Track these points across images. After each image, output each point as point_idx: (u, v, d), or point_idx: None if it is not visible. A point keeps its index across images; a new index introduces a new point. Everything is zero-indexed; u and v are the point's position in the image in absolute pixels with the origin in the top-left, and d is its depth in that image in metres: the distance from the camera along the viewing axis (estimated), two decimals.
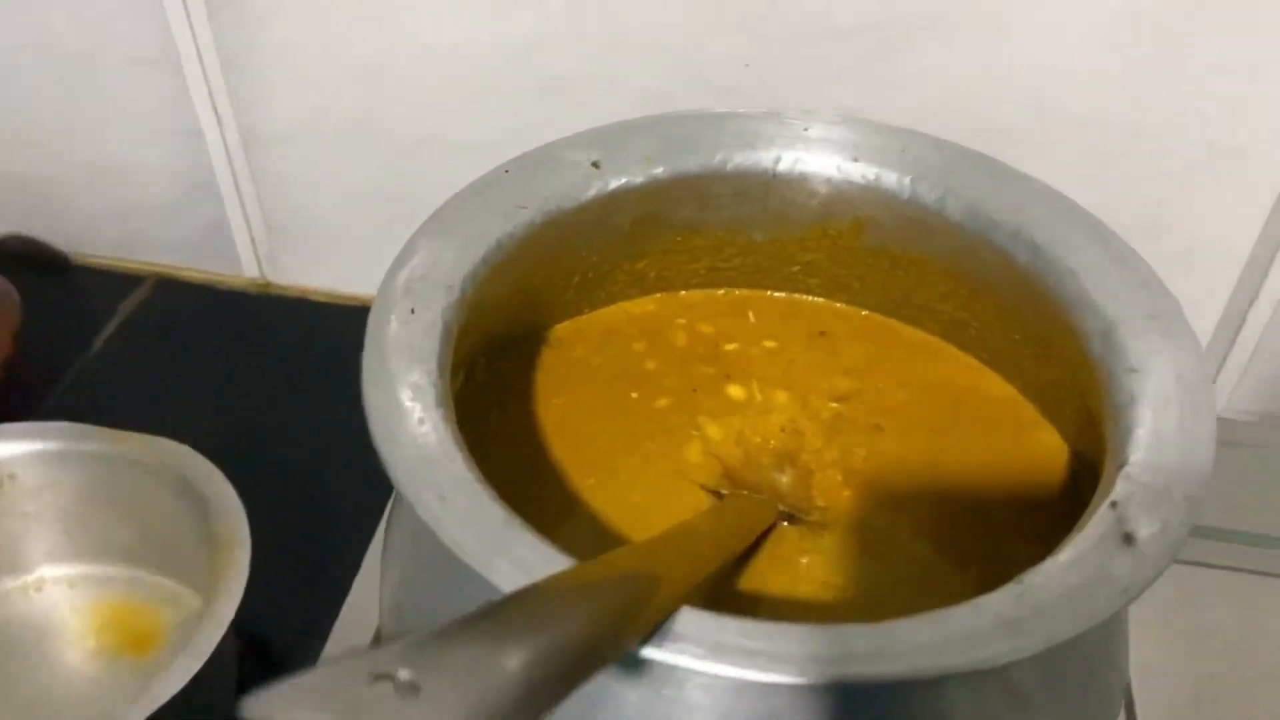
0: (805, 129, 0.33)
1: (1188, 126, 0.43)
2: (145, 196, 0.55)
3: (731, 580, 0.30)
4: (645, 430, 0.33)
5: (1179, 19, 0.40)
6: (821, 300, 0.37)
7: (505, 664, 0.16)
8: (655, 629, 0.22)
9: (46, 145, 0.54)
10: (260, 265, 0.57)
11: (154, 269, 0.58)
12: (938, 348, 0.35)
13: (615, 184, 0.33)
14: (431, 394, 0.26)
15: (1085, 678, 0.27)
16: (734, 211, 0.34)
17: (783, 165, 0.33)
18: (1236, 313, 0.47)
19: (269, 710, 0.13)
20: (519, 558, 0.22)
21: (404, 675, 0.14)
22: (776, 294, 0.37)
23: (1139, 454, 0.25)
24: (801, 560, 0.31)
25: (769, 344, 0.36)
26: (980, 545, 0.31)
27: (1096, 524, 0.24)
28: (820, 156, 0.33)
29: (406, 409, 0.25)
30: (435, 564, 0.26)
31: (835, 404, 0.34)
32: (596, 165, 0.32)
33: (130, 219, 0.56)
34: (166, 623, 0.42)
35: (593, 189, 0.32)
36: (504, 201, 0.31)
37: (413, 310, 0.28)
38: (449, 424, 0.26)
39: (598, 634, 0.19)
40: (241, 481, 0.39)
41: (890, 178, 0.33)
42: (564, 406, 0.34)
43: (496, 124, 0.48)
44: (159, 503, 0.40)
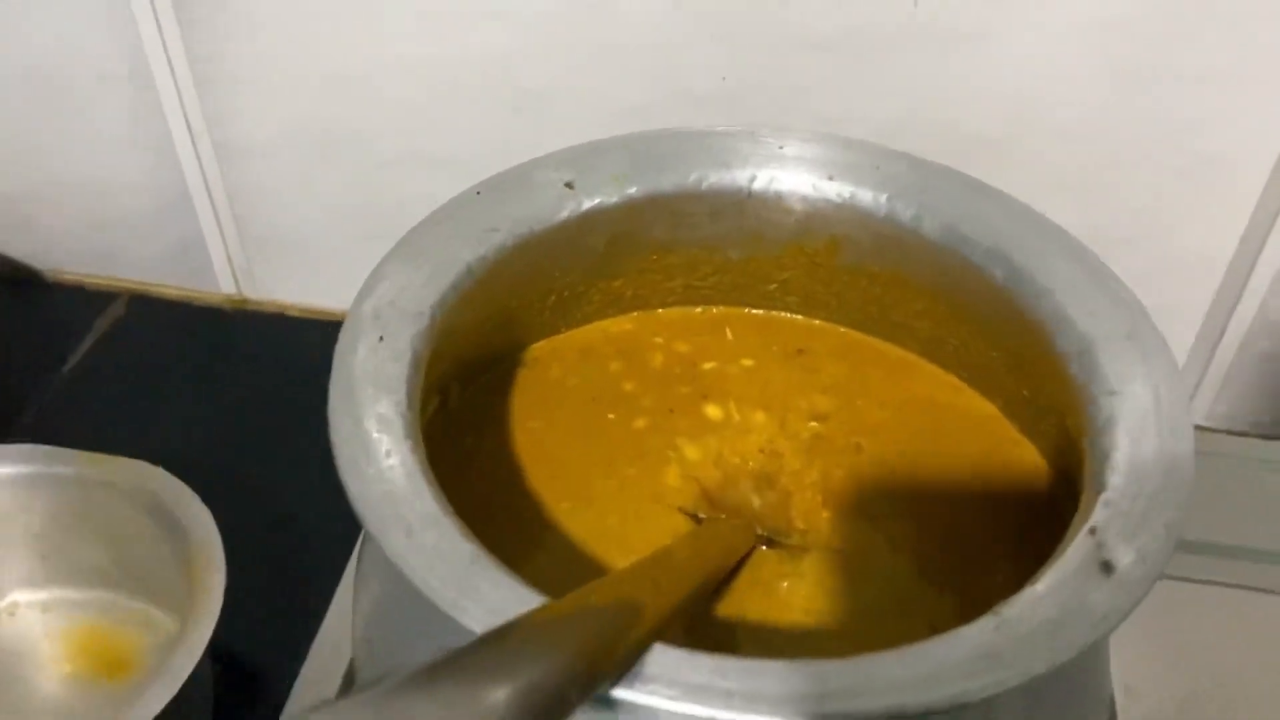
0: (780, 147, 0.33)
1: (1167, 136, 0.43)
2: (119, 212, 0.55)
3: (709, 607, 0.29)
4: (622, 453, 0.33)
5: (1158, 29, 0.40)
6: (799, 318, 0.36)
7: (478, 715, 0.16)
8: (633, 662, 0.21)
9: (17, 161, 0.54)
10: (236, 281, 0.56)
11: (128, 286, 0.57)
12: (917, 365, 0.35)
13: (588, 205, 0.32)
14: (400, 425, 0.25)
15: (1067, 702, 0.27)
16: (709, 230, 0.34)
17: (758, 184, 0.33)
18: (1216, 323, 0.47)
19: None
20: (487, 597, 0.22)
21: None
22: (754, 311, 0.36)
23: (1117, 478, 0.25)
24: (781, 585, 0.30)
25: (747, 362, 0.35)
26: (961, 566, 0.31)
27: (1075, 551, 0.24)
28: (795, 175, 0.33)
29: (373, 441, 0.25)
30: (404, 600, 0.26)
31: (814, 423, 0.34)
32: (570, 186, 0.32)
33: (104, 235, 0.56)
34: (142, 647, 0.41)
35: (566, 210, 0.32)
36: (475, 224, 0.31)
37: (381, 338, 0.27)
38: (418, 456, 0.25)
39: (575, 672, 0.19)
40: (217, 502, 0.39)
41: (866, 196, 0.32)
42: (540, 429, 0.33)
43: (474, 137, 0.48)
44: (133, 526, 0.40)
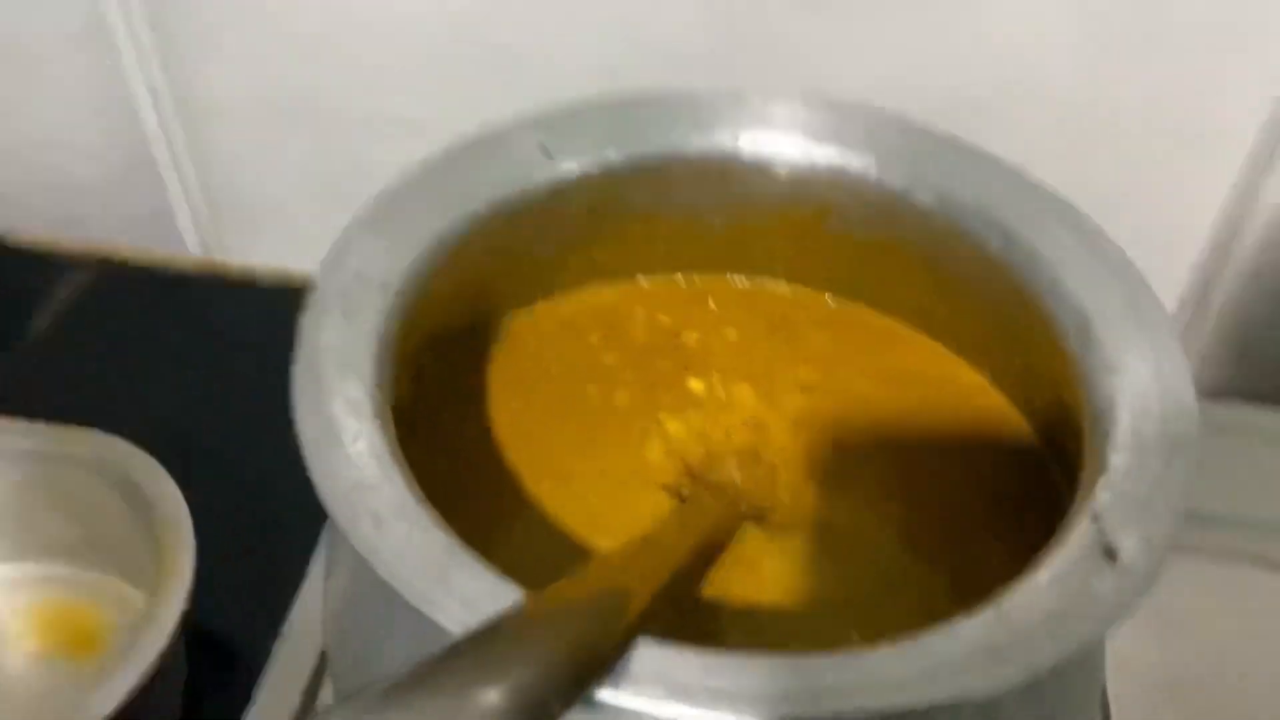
0: (765, 110, 0.32)
1: (1154, 101, 0.42)
2: (81, 175, 0.53)
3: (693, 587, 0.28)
4: (603, 429, 0.32)
5: None
6: (784, 287, 0.35)
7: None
8: (621, 656, 0.20)
9: None
10: (204, 244, 0.55)
11: (92, 251, 0.55)
12: (905, 336, 0.34)
13: (566, 170, 0.31)
14: (368, 406, 0.24)
15: (1064, 688, 0.26)
16: (692, 197, 0.33)
17: (743, 149, 0.32)
18: (1196, 293, 0.47)
19: None
20: (462, 592, 0.21)
21: None
22: (738, 281, 0.35)
23: (1119, 459, 0.24)
24: (766, 562, 0.30)
25: (730, 333, 0.34)
26: (951, 541, 0.30)
27: (1077, 538, 0.23)
28: (782, 139, 0.32)
29: (340, 425, 0.24)
30: (375, 593, 0.25)
31: (800, 396, 0.33)
32: (545, 150, 0.31)
33: (65, 199, 0.54)
34: (110, 624, 0.41)
35: (543, 176, 0.31)
36: (446, 190, 0.29)
37: (346, 314, 0.26)
38: (387, 438, 0.24)
39: (563, 674, 0.18)
40: (185, 475, 0.38)
41: (856, 161, 0.31)
42: (518, 404, 0.32)
43: (446, 98, 0.46)
44: (100, 500, 0.39)
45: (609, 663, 0.20)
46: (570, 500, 0.30)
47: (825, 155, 0.31)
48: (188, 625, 0.35)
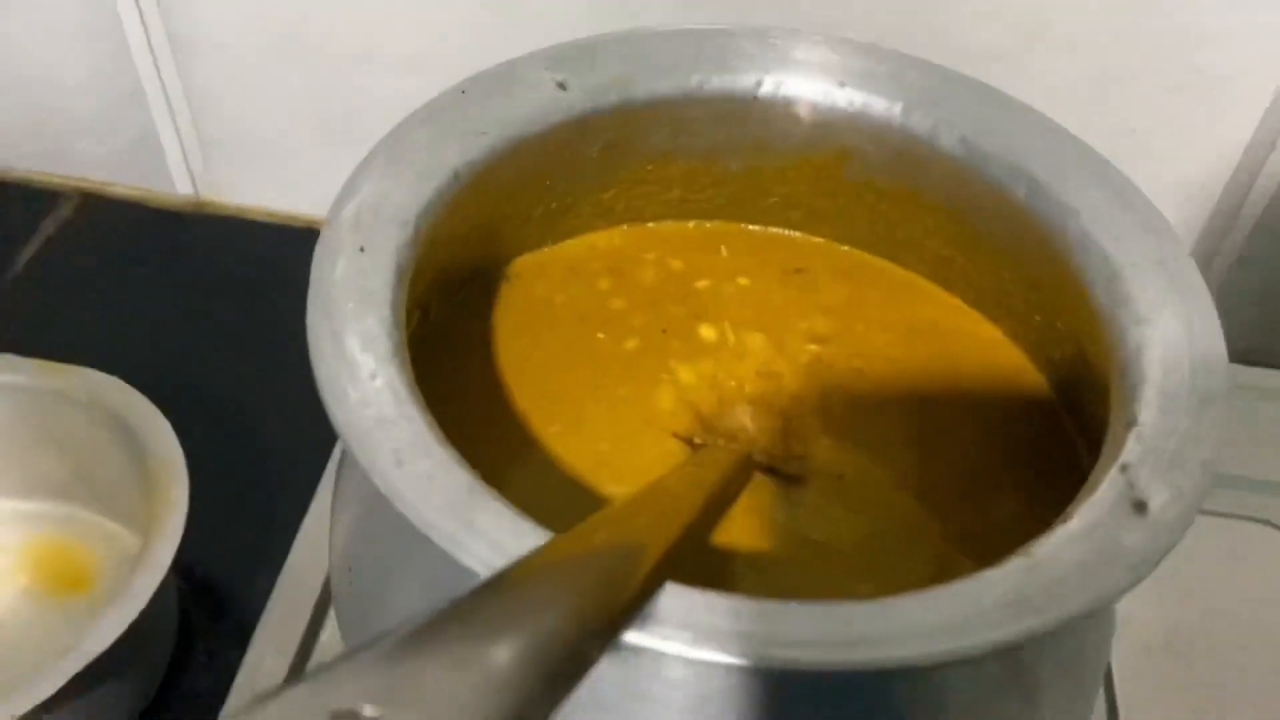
0: (789, 50, 0.31)
1: (1172, 51, 0.41)
2: (68, 108, 0.52)
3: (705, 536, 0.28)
4: (613, 374, 0.31)
5: None
6: (799, 235, 0.35)
7: (486, 675, 0.14)
8: (642, 606, 0.20)
9: None
10: (194, 181, 0.53)
11: (79, 185, 0.54)
12: (921, 287, 0.34)
13: (583, 107, 0.30)
14: (386, 344, 0.24)
15: (1080, 637, 0.26)
16: (710, 138, 0.32)
17: (764, 89, 0.31)
18: (1209, 245, 0.46)
19: None
20: (487, 532, 0.20)
21: (369, 712, 0.12)
22: (751, 227, 0.35)
23: (1149, 414, 0.24)
24: (779, 512, 0.29)
25: (742, 281, 0.34)
26: (964, 494, 0.30)
27: (1106, 489, 0.22)
28: (805, 80, 0.31)
29: (358, 362, 0.23)
30: (391, 531, 0.24)
31: (813, 346, 0.32)
32: (563, 86, 0.30)
33: (52, 131, 0.53)
34: (100, 561, 0.41)
35: (559, 113, 0.30)
36: (461, 126, 0.29)
37: (362, 249, 0.25)
38: (405, 377, 0.23)
39: (587, 623, 0.17)
40: (176, 414, 0.37)
41: (880, 104, 0.30)
42: (525, 349, 0.32)
43: (443, 34, 0.45)
44: (90, 438, 0.39)
45: (626, 614, 0.20)
46: (580, 445, 0.30)
47: (849, 97, 0.31)
48: (179, 568, 0.34)
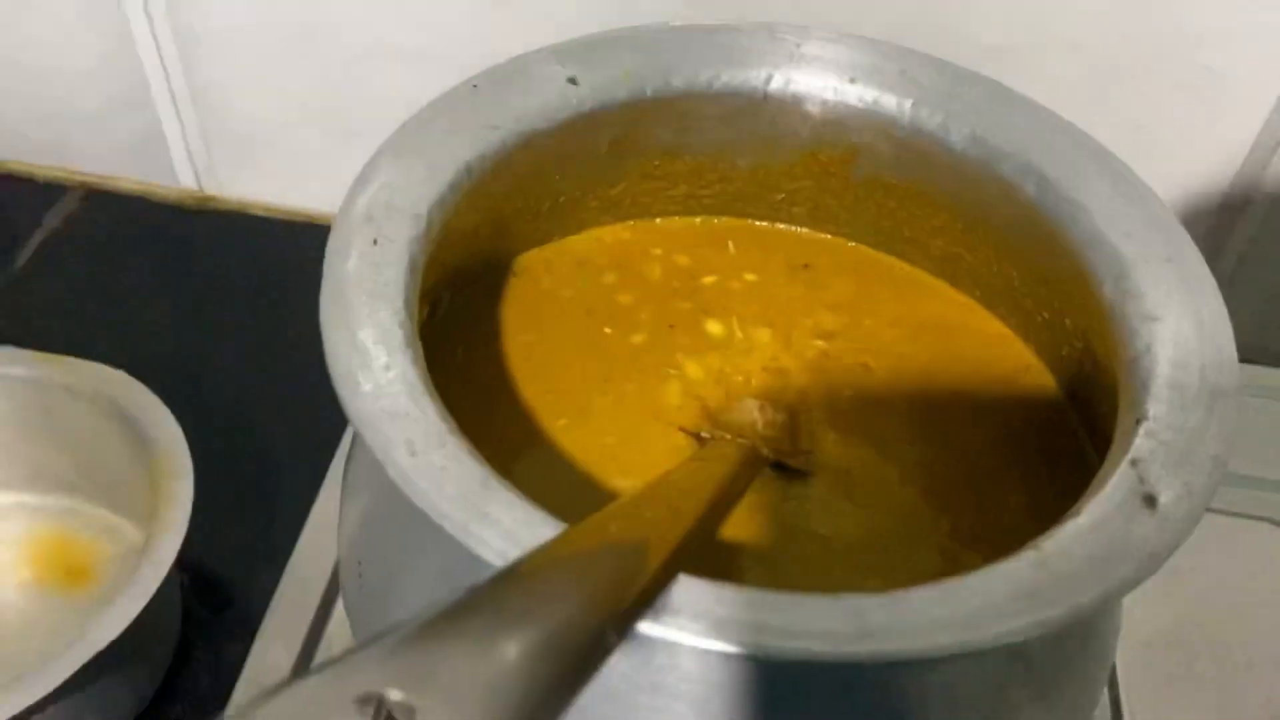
0: (799, 46, 0.31)
1: (1174, 49, 0.41)
2: (73, 101, 0.52)
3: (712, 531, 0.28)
4: (620, 369, 0.31)
5: None
6: (805, 231, 0.35)
7: (507, 662, 0.14)
8: (656, 597, 0.20)
9: None
10: (197, 176, 0.53)
11: (82, 179, 0.54)
12: (929, 283, 0.34)
13: (594, 103, 0.30)
14: (399, 335, 0.24)
15: (1086, 633, 0.26)
16: (720, 134, 0.32)
17: (774, 85, 0.31)
18: (1214, 243, 0.46)
19: None
20: (501, 523, 0.20)
21: (394, 695, 0.12)
22: (758, 223, 0.35)
23: (1159, 409, 0.24)
24: (785, 507, 0.29)
25: (749, 277, 0.34)
26: (968, 490, 0.30)
27: (1116, 484, 0.23)
28: (815, 76, 0.31)
29: (371, 353, 0.23)
30: (402, 522, 0.24)
31: (820, 342, 0.33)
32: (574, 81, 0.30)
33: (56, 125, 0.53)
34: (104, 555, 0.40)
35: (570, 108, 0.30)
36: (473, 120, 0.29)
37: (375, 241, 0.25)
38: (419, 369, 0.23)
39: (602, 614, 0.17)
40: (180, 408, 0.37)
41: (889, 101, 0.31)
42: (533, 343, 0.32)
43: (450, 29, 0.45)
44: (94, 431, 0.39)
45: (640, 605, 0.20)
46: (587, 439, 0.30)
47: (859, 94, 0.31)
48: (183, 562, 0.34)
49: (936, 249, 0.33)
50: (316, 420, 0.42)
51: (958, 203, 0.31)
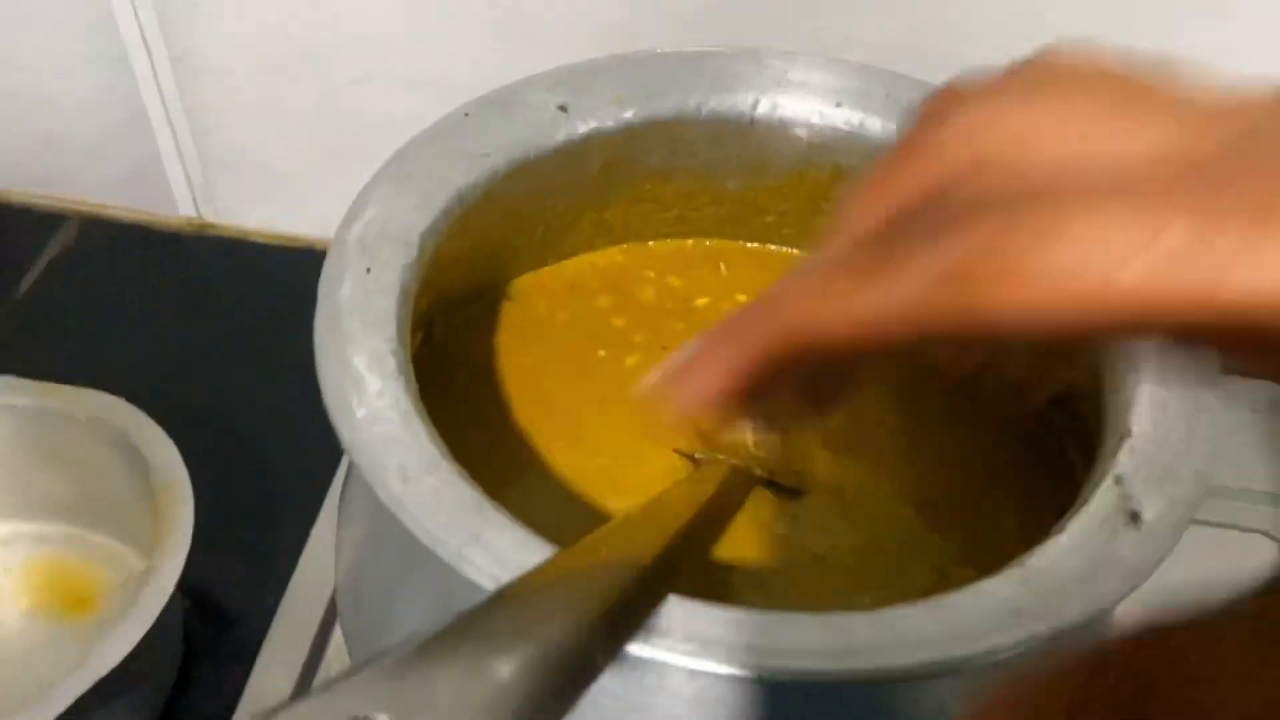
0: (785, 71, 0.31)
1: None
2: (70, 129, 0.52)
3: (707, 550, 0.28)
4: (614, 391, 0.32)
5: None
6: (796, 251, 0.35)
7: (498, 684, 0.14)
8: (646, 618, 0.20)
9: None
10: (196, 203, 0.54)
11: (81, 207, 0.54)
12: None
13: (584, 129, 0.30)
14: (391, 362, 0.24)
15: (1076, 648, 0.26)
16: (709, 158, 0.32)
17: (761, 110, 0.31)
18: None
19: None
20: (493, 548, 0.21)
21: (387, 718, 0.13)
22: (749, 245, 0.35)
23: (1142, 424, 0.24)
24: (778, 526, 0.30)
25: (741, 298, 0.34)
26: (959, 506, 0.31)
27: (1100, 501, 0.23)
28: (801, 101, 0.31)
29: (364, 380, 0.23)
30: (397, 548, 0.24)
31: None
32: (564, 109, 0.30)
33: (54, 154, 0.53)
34: (105, 582, 0.41)
35: (560, 134, 0.30)
36: (465, 148, 0.29)
37: (369, 270, 0.25)
38: (411, 395, 0.24)
39: (591, 634, 0.18)
40: (180, 435, 0.37)
41: (875, 124, 0.31)
42: (528, 366, 0.32)
43: (446, 55, 0.46)
44: (95, 459, 0.39)
45: (630, 626, 0.20)
46: (581, 461, 0.30)
47: (845, 117, 0.31)
48: (184, 588, 0.35)
49: None
50: (316, 445, 0.42)
51: None
